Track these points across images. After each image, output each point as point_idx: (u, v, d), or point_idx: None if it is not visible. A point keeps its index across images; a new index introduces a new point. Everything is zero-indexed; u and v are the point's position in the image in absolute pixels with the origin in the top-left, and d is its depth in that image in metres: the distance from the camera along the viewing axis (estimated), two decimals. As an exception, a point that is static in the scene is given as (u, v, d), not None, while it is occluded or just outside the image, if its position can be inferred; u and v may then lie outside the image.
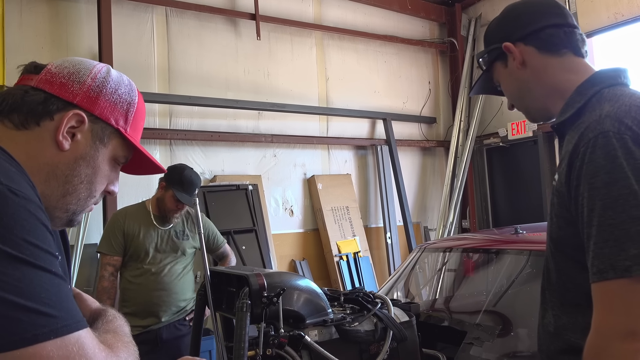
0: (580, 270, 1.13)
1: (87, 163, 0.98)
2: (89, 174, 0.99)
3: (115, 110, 1.01)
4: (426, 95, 7.30)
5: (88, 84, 0.99)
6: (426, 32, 7.39)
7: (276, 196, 5.86)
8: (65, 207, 0.98)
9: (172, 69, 5.28)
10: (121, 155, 1.05)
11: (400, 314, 2.15)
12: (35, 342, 0.70)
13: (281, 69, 5.98)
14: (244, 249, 5.04)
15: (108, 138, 1.01)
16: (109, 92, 1.01)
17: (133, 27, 5.07)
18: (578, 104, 1.19)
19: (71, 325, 0.75)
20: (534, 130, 6.35)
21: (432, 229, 7.08)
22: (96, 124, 0.99)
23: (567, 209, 1.13)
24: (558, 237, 1.18)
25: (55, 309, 0.74)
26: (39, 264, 0.75)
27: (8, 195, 0.76)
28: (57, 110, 0.95)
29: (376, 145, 6.57)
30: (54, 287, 0.76)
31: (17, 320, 0.70)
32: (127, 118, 1.03)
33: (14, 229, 0.74)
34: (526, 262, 2.50)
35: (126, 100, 1.03)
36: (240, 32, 5.74)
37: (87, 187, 0.99)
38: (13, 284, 0.71)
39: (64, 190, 0.96)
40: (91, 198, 1.02)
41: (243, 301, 1.73)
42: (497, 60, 1.36)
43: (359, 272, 5.86)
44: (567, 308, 1.17)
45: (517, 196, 6.93)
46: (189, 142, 5.32)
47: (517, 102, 1.37)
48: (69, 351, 0.73)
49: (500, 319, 2.32)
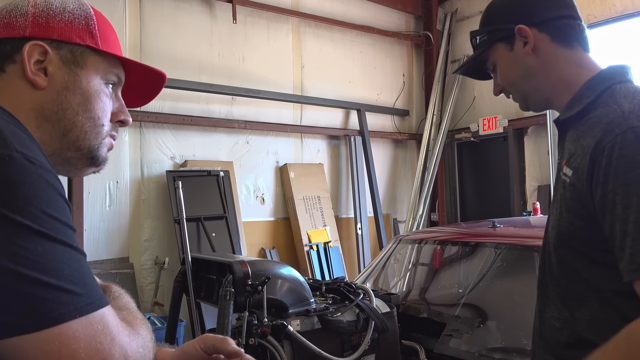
0: (588, 264, 1.12)
1: (73, 91, 0.90)
2: (81, 102, 0.91)
3: (73, 28, 0.92)
4: (400, 87, 7.31)
5: (31, 12, 0.90)
6: (402, 24, 7.39)
7: (248, 183, 5.78)
8: (74, 145, 0.91)
9: (144, 49, 5.11)
10: (108, 71, 0.96)
11: (381, 305, 2.14)
12: (62, 322, 0.67)
13: (256, 55, 5.87)
14: (214, 236, 4.95)
15: (82, 59, 0.92)
16: (58, 13, 0.92)
17: (104, 3, 4.87)
18: (587, 99, 1.17)
19: (95, 302, 0.72)
20: (505, 127, 6.45)
21: (402, 221, 7.13)
22: (61, 49, 0.90)
23: (583, 204, 1.11)
24: (567, 232, 1.15)
25: (79, 286, 0.70)
26: (60, 238, 0.71)
27: (25, 164, 0.71)
28: (14, 51, 0.88)
29: (349, 136, 6.55)
30: (76, 262, 0.72)
31: (42, 299, 0.66)
32: (91, 32, 0.94)
33: (33, 200, 0.70)
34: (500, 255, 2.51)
35: (81, 15, 0.94)
36: (216, 15, 5.60)
37: (86, 116, 0.91)
38: (35, 260, 0.67)
39: (62, 128, 0.89)
40: (100, 127, 0.93)
41: (226, 289, 1.68)
42: (500, 41, 1.29)
43: (329, 262, 5.85)
44: (571, 302, 1.16)
45: (485, 191, 7.04)
46: (160, 125, 5.18)
47: (516, 88, 1.32)
48: (94, 330, 0.70)
49: (477, 311, 2.34)
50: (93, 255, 4.73)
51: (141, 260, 5.05)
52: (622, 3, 5.54)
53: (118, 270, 4.87)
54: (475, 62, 1.39)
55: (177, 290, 2.07)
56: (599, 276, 1.10)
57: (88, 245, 4.64)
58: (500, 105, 6.64)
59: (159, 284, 5.01)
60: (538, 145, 6.28)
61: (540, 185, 6.25)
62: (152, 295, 5.00)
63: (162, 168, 5.17)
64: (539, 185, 6.27)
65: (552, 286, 1.22)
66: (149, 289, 5.05)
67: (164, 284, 5.06)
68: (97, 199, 4.81)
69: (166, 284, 5.08)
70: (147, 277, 5.07)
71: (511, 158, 6.45)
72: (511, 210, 6.35)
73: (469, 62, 1.41)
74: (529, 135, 6.40)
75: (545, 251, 1.27)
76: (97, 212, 4.82)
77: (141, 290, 5.01)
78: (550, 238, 1.22)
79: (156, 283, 5.02)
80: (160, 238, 5.15)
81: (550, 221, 1.24)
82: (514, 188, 6.40)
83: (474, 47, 1.38)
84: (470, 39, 1.39)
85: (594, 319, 1.10)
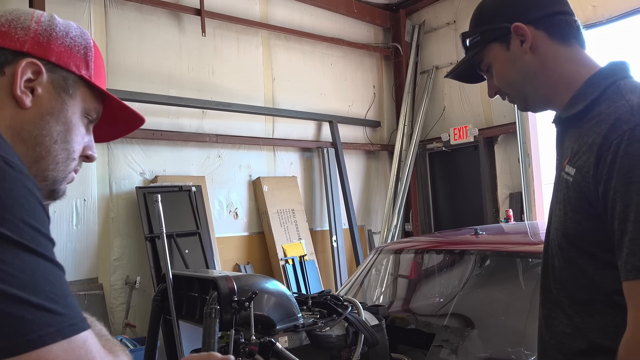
0: (598, 266, 1.08)
1: (56, 119, 0.84)
2: (62, 131, 0.85)
3: (72, 55, 0.87)
4: (371, 99, 7.33)
5: (34, 28, 0.84)
6: (371, 36, 7.43)
7: (220, 198, 5.66)
8: (42, 174, 0.84)
9: (111, 63, 4.97)
10: (91, 107, 0.91)
11: (370, 318, 2.07)
12: (42, 345, 0.60)
13: (226, 67, 5.79)
14: (187, 253, 4.81)
15: (73, 88, 0.87)
16: (61, 36, 0.87)
17: (68, 17, 4.69)
18: (591, 96, 1.13)
19: (78, 324, 0.64)
20: (475, 136, 6.52)
21: (377, 232, 7.10)
22: (55, 73, 0.85)
23: (590, 203, 1.07)
24: (575, 233, 1.11)
25: (60, 305, 0.63)
26: (40, 251, 0.63)
27: (4, 168, 0.64)
28: (6, 63, 0.81)
29: (322, 148, 6.52)
30: (57, 279, 0.64)
31: (20, 319, 0.59)
32: (87, 64, 0.89)
33: (12, 208, 0.62)
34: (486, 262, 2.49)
35: (82, 44, 0.90)
36: (185, 28, 5.51)
37: (62, 147, 0.85)
38: (14, 274, 0.60)
39: (36, 154, 0.82)
40: (70, 161, 0.88)
41: (212, 306, 1.59)
42: (495, 41, 1.24)
43: (305, 276, 5.76)
44: (581, 306, 1.12)
45: (458, 200, 7.09)
46: (129, 141, 5.03)
47: (514, 88, 1.26)
48: (76, 355, 0.63)
49: (466, 320, 2.29)
50: (60, 276, 4.52)
51: (111, 281, 4.86)
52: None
53: (87, 292, 4.67)
54: (467, 65, 1.33)
55: (155, 310, 1.96)
56: (609, 279, 1.05)
57: (54, 266, 4.43)
58: (470, 115, 6.73)
59: (130, 305, 4.83)
60: (508, 153, 6.37)
61: (511, 192, 6.32)
62: (123, 317, 4.81)
63: (132, 184, 5.02)
64: (510, 192, 6.35)
65: (557, 291, 1.17)
66: (119, 310, 4.86)
67: (136, 304, 4.88)
68: (63, 218, 4.62)
69: (138, 304, 4.90)
70: (117, 297, 4.88)
71: (482, 166, 6.51)
72: (484, 218, 6.39)
73: (461, 65, 1.34)
74: (499, 144, 6.48)
75: (547, 255, 1.22)
76: (63, 232, 4.62)
77: (111, 312, 4.82)
78: (554, 240, 1.18)
79: (127, 304, 4.83)
80: (130, 257, 4.98)
81: (554, 222, 1.19)
82: (486, 196, 6.46)
83: (466, 50, 1.33)
84: (462, 41, 1.34)
85: (607, 324, 1.06)
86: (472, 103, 6.72)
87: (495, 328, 2.19)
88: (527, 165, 6.00)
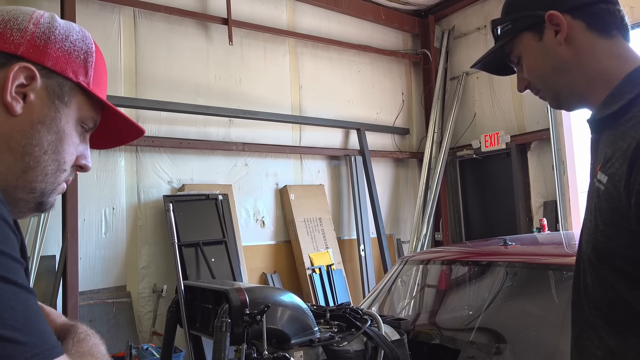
0: (631, 286, 0.96)
1: (48, 128, 0.80)
2: (53, 141, 0.80)
3: (70, 60, 0.83)
4: (399, 106, 7.23)
5: (31, 31, 0.80)
6: (400, 43, 7.35)
7: (247, 207, 5.65)
8: (29, 185, 0.79)
9: (140, 73, 5.04)
10: (88, 116, 0.86)
11: (390, 332, 1.99)
12: None
13: (254, 76, 5.80)
14: (214, 261, 4.81)
15: (69, 95, 0.82)
16: (60, 39, 0.82)
17: (99, 28, 4.82)
18: (629, 95, 1.01)
19: (44, 353, 0.59)
20: (507, 143, 6.35)
21: (405, 242, 6.98)
22: (51, 79, 0.80)
23: (622, 216, 0.95)
24: (606, 248, 1.00)
25: (22, 333, 0.57)
26: (1, 274, 0.58)
27: None
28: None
29: (350, 156, 6.45)
30: (21, 303, 0.59)
31: None
32: (87, 70, 0.85)
33: None
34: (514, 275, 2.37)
35: (82, 49, 0.85)
36: (212, 37, 5.55)
37: (53, 157, 0.81)
38: None
39: (24, 164, 0.78)
40: (61, 172, 0.83)
41: (222, 319, 1.54)
42: (527, 30, 1.13)
43: (332, 286, 5.69)
44: (614, 327, 1.00)
45: (490, 208, 6.91)
46: (157, 149, 5.08)
47: (546, 83, 1.15)
48: None
49: (494, 335, 2.19)
50: (88, 284, 4.58)
51: (139, 289, 4.90)
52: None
53: (115, 300, 4.72)
54: (496, 55, 1.22)
55: (170, 321, 1.93)
56: None
57: (83, 273, 4.49)
58: (501, 121, 6.56)
59: (157, 313, 4.85)
60: (542, 160, 6.17)
61: (546, 201, 6.12)
62: (150, 325, 4.83)
63: (160, 193, 5.05)
64: (544, 201, 6.14)
65: (589, 309, 1.05)
66: (147, 317, 4.88)
67: (162, 313, 4.89)
68: (92, 226, 4.69)
69: (164, 313, 4.89)
70: (145, 305, 4.91)
71: (515, 174, 6.33)
72: (517, 228, 6.20)
73: (489, 54, 1.23)
74: (532, 151, 6.29)
75: (579, 269, 1.11)
76: (92, 240, 4.68)
77: (139, 320, 4.84)
78: (585, 254, 1.06)
79: (154, 312, 4.85)
80: (158, 265, 5.01)
81: (585, 235, 1.08)
82: (519, 205, 6.27)
83: (496, 38, 1.22)
84: (492, 29, 1.22)
85: None
86: (504, 109, 6.55)
87: (524, 344, 2.07)
88: (562, 173, 5.79)
